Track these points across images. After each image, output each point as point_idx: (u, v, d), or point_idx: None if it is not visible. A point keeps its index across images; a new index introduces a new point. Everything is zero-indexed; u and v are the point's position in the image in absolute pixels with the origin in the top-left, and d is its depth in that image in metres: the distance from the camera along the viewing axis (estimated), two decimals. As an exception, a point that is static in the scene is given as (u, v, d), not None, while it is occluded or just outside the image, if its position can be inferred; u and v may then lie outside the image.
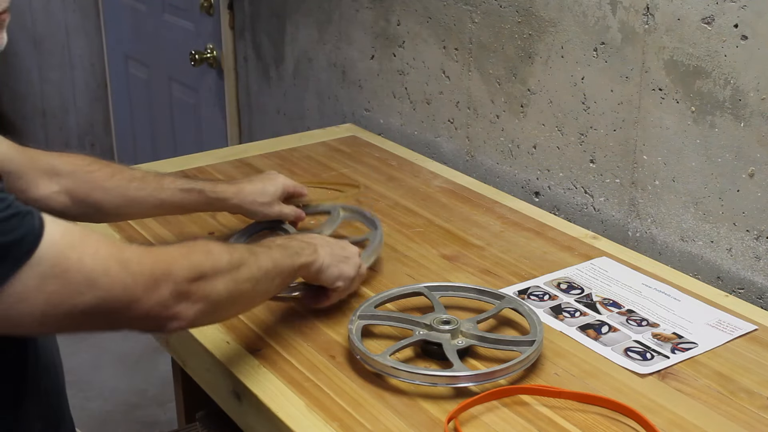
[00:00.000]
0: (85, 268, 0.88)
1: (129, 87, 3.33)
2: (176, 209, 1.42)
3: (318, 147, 1.95)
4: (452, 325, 1.19)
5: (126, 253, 0.93)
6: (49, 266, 0.86)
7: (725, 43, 1.35)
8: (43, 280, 0.86)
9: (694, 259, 1.47)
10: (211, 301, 1.00)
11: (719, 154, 1.40)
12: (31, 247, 0.85)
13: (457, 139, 1.89)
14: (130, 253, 0.93)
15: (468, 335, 1.18)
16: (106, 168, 1.36)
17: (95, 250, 0.90)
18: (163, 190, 1.38)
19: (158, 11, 2.99)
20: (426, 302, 1.27)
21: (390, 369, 1.11)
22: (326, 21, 2.19)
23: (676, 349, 1.20)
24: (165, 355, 1.44)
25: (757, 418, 1.08)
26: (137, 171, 1.40)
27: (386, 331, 1.24)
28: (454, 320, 1.19)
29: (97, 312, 0.90)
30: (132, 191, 1.35)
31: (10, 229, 0.85)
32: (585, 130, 1.60)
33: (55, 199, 1.30)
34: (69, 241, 0.89)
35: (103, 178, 1.34)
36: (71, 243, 0.89)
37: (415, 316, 1.22)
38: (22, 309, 0.86)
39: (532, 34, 1.66)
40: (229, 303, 1.05)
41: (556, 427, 1.05)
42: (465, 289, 1.30)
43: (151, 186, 1.37)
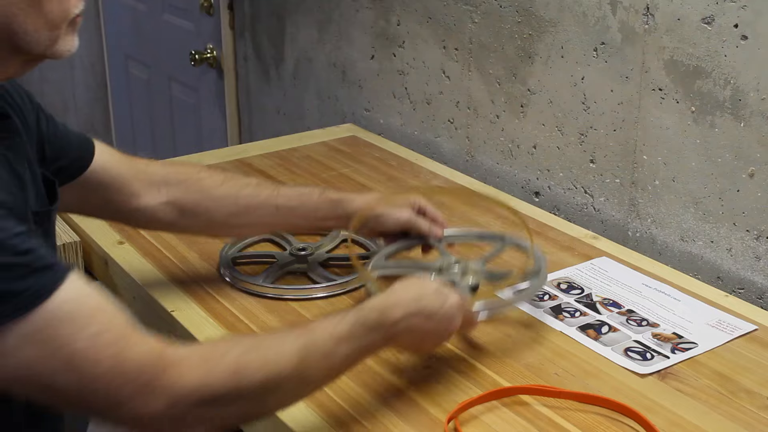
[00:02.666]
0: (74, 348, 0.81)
1: (129, 87, 3.33)
2: (293, 216, 1.30)
3: (318, 147, 1.95)
4: (462, 266, 1.25)
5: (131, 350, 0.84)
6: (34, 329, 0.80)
7: (725, 43, 1.35)
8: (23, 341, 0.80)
9: (694, 259, 1.47)
10: (222, 420, 0.90)
11: (719, 154, 1.40)
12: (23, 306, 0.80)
13: (457, 139, 1.89)
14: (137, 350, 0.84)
15: (477, 273, 1.24)
16: (218, 176, 1.30)
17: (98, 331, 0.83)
18: (279, 196, 1.29)
19: (158, 11, 2.99)
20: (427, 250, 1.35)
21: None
22: (326, 21, 2.19)
23: (676, 349, 1.20)
24: (165, 355, 1.44)
25: (757, 418, 1.08)
26: (252, 179, 1.33)
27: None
28: (463, 261, 1.25)
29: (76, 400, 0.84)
30: (244, 199, 1.28)
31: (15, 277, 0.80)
32: (585, 130, 1.60)
33: (162, 210, 1.26)
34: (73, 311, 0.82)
35: (213, 186, 1.28)
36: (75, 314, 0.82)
37: (425, 263, 1.29)
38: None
39: (532, 34, 1.66)
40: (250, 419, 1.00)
41: (556, 427, 1.05)
42: (466, 236, 1.40)
43: (266, 193, 1.29)
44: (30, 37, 0.91)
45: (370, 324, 1.00)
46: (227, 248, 1.43)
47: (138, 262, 1.43)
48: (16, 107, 1.05)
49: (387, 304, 1.03)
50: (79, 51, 3.21)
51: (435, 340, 1.08)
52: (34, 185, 1.02)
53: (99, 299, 0.85)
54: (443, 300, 1.06)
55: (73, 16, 0.94)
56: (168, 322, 1.29)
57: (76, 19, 0.95)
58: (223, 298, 1.32)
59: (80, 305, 0.83)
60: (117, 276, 1.43)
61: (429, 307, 1.05)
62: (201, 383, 0.86)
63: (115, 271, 1.43)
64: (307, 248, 1.42)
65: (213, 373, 0.87)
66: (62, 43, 0.94)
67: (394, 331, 1.02)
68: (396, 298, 1.04)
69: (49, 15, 0.91)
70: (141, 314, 1.39)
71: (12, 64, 0.94)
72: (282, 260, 1.40)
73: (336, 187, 1.72)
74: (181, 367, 0.86)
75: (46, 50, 0.93)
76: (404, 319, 1.02)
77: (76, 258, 1.48)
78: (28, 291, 0.80)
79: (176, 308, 1.29)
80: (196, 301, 1.31)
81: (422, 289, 1.06)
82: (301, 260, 1.40)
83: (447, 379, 1.14)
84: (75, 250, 1.47)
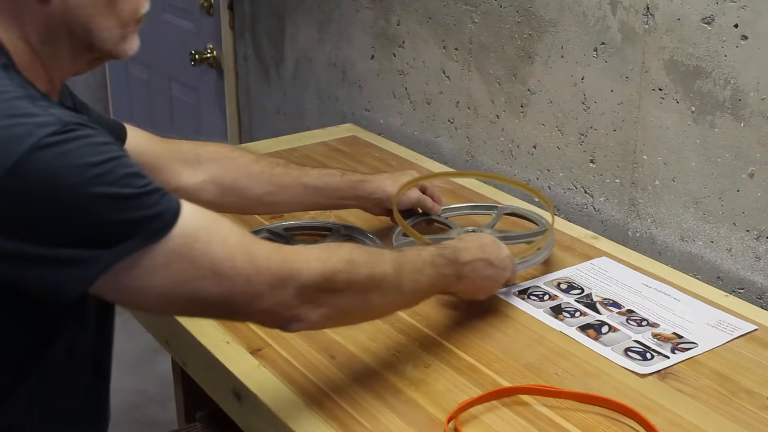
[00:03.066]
0: (212, 254, 0.89)
1: (129, 87, 3.33)
2: (318, 195, 1.40)
3: (318, 147, 1.95)
4: (477, 232, 1.40)
5: (256, 245, 0.92)
6: (179, 245, 0.87)
7: (725, 43, 1.35)
8: (171, 257, 0.87)
9: (694, 259, 1.47)
10: (337, 310, 0.99)
11: (719, 154, 1.40)
12: (166, 225, 0.86)
13: (457, 139, 1.89)
14: (260, 246, 0.93)
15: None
16: (250, 154, 1.37)
17: (225, 236, 0.90)
18: (307, 175, 1.39)
19: (158, 11, 2.99)
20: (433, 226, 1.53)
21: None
22: (326, 21, 2.19)
23: (676, 349, 1.20)
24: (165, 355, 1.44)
25: (757, 418, 1.08)
26: (281, 160, 1.41)
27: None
28: (478, 229, 1.47)
29: (217, 300, 0.90)
30: (277, 177, 1.36)
31: (152, 203, 0.86)
32: (585, 130, 1.60)
33: (202, 188, 1.31)
34: (201, 224, 0.89)
35: (248, 164, 1.35)
36: (203, 225, 0.89)
37: (441, 235, 1.46)
38: (146, 283, 0.87)
39: (532, 34, 1.66)
40: (357, 316, 1.06)
41: (556, 427, 1.05)
42: (461, 208, 1.59)
43: (295, 172, 1.38)
44: (104, 35, 0.95)
45: (448, 257, 1.14)
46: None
47: (138, 262, 1.42)
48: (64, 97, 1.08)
49: (460, 246, 1.18)
50: (79, 51, 3.10)
51: (492, 284, 1.23)
52: None
53: (208, 211, 0.92)
54: (500, 250, 1.23)
55: (141, 16, 0.99)
56: (168, 322, 1.29)
57: (141, 19, 0.99)
58: (223, 298, 1.32)
59: (201, 218, 0.90)
60: (117, 276, 1.43)
61: (491, 255, 1.21)
62: (323, 268, 0.95)
63: (115, 271, 1.43)
64: None
65: (331, 261, 0.97)
66: (129, 41, 0.98)
67: (463, 271, 1.16)
68: (466, 243, 1.19)
69: (122, 14, 0.95)
70: (141, 314, 1.39)
71: (82, 60, 0.97)
72: None
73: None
74: (303, 254, 0.95)
75: (114, 47, 0.97)
76: (472, 261, 1.17)
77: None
78: (168, 211, 0.87)
79: (176, 308, 1.29)
80: (196, 301, 1.31)
81: (485, 240, 1.23)
82: None
83: (447, 379, 1.14)
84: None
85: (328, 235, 1.49)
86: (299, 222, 1.53)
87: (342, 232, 1.50)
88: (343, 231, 1.50)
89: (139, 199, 0.85)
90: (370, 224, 1.56)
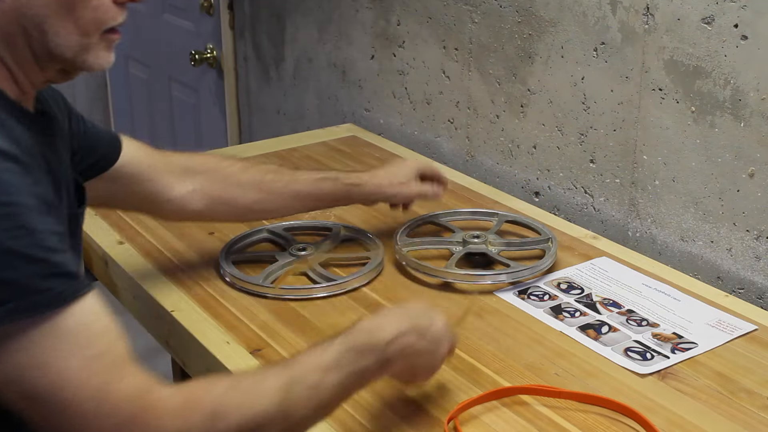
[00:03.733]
0: (67, 364, 0.79)
1: (129, 87, 3.33)
2: (312, 200, 1.39)
3: (318, 147, 1.95)
4: (482, 238, 1.43)
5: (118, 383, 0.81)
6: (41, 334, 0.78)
7: (725, 43, 1.35)
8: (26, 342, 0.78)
9: (694, 259, 1.47)
10: None
11: (719, 154, 1.40)
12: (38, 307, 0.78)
13: (457, 139, 1.89)
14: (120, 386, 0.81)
15: (496, 243, 1.43)
16: (240, 162, 1.36)
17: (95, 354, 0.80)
18: (298, 182, 1.36)
19: (158, 11, 2.99)
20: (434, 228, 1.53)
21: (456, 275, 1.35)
22: (326, 21, 2.19)
23: (676, 349, 1.20)
24: (165, 355, 1.44)
25: (757, 418, 1.08)
26: (271, 165, 1.39)
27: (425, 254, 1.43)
28: (482, 234, 1.44)
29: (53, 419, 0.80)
30: (267, 184, 1.34)
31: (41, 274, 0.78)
32: (585, 130, 1.60)
33: (191, 198, 1.30)
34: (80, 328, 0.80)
35: (237, 173, 1.33)
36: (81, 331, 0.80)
37: (447, 237, 1.47)
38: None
39: (532, 34, 1.66)
40: None
41: (556, 427, 1.05)
42: (461, 213, 1.57)
43: (286, 178, 1.36)
44: (60, 40, 0.90)
45: (360, 347, 0.94)
46: (227, 248, 1.43)
47: (138, 262, 1.43)
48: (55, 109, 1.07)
49: (376, 324, 0.98)
50: (79, 51, 3.09)
51: (430, 362, 1.03)
52: (67, 187, 1.02)
53: (108, 323, 0.83)
54: (433, 317, 1.03)
55: (107, 28, 0.93)
56: (168, 322, 1.29)
57: (112, 35, 0.94)
58: (223, 298, 1.32)
59: (88, 324, 0.81)
60: (117, 276, 1.43)
61: (421, 324, 1.01)
62: (177, 428, 0.82)
63: (115, 271, 1.43)
64: (307, 248, 1.42)
65: (191, 419, 0.83)
66: (94, 54, 0.93)
67: (388, 353, 0.96)
68: (385, 317, 1.00)
69: (80, 20, 0.90)
70: (141, 314, 1.40)
71: (49, 69, 0.94)
72: (282, 260, 1.40)
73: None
74: (160, 409, 0.82)
75: (76, 57, 0.92)
76: (396, 338, 0.97)
77: (76, 258, 1.48)
78: (49, 292, 0.79)
79: (176, 308, 1.29)
80: (196, 301, 1.31)
81: (411, 308, 1.04)
82: (301, 260, 1.40)
83: (447, 379, 1.14)
84: (75, 250, 1.47)
85: (329, 235, 1.49)
86: (299, 222, 1.53)
87: (342, 232, 1.50)
88: (344, 231, 1.50)
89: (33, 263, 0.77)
90: (371, 224, 1.56)
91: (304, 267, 1.39)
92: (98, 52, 0.93)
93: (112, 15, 0.93)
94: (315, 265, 1.39)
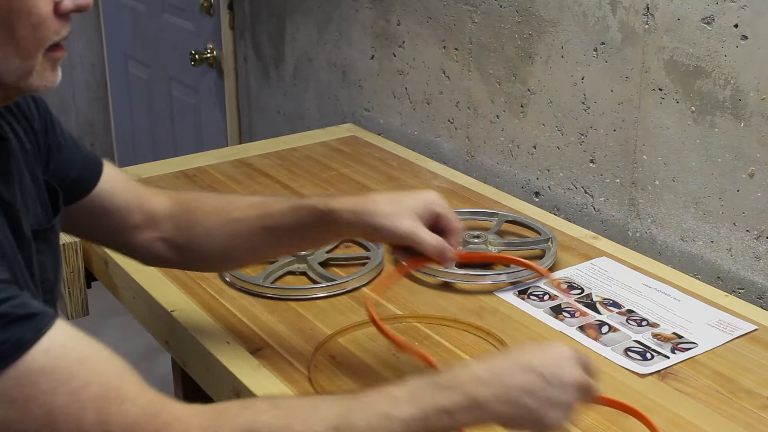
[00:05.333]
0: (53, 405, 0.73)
1: (129, 87, 3.33)
2: (288, 237, 1.11)
3: (318, 147, 1.95)
4: (482, 238, 1.43)
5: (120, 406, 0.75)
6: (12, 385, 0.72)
7: (725, 43, 1.35)
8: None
9: (694, 259, 1.47)
10: None
11: (719, 154, 1.40)
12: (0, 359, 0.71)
13: (457, 139, 1.89)
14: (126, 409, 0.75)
15: (496, 243, 1.43)
16: (210, 204, 1.15)
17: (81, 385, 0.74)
18: (268, 217, 1.10)
19: (158, 11, 2.99)
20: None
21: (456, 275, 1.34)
22: (326, 21, 2.19)
23: (676, 349, 1.20)
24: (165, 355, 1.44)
25: (757, 418, 1.07)
26: (245, 200, 1.15)
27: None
28: (482, 234, 1.44)
29: None
30: (232, 226, 1.12)
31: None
32: (585, 130, 1.60)
33: (156, 246, 1.15)
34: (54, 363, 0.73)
35: (203, 217, 1.13)
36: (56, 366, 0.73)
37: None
38: None
39: (532, 34, 1.66)
40: None
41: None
42: (461, 213, 1.54)
43: (255, 214, 1.11)
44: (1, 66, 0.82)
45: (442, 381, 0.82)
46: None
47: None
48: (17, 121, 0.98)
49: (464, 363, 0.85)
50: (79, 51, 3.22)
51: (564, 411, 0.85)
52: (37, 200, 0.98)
53: (84, 349, 0.76)
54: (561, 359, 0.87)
55: (51, 44, 0.84)
56: (168, 322, 1.29)
57: (56, 53, 0.86)
58: (223, 298, 1.32)
59: (62, 357, 0.74)
60: (117, 276, 1.43)
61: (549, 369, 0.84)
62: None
63: (115, 271, 1.43)
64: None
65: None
66: (38, 77, 0.85)
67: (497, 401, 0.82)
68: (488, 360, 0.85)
69: (21, 42, 0.81)
70: (141, 314, 1.40)
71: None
72: (282, 260, 1.40)
73: (336, 188, 1.72)
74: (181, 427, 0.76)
75: (19, 82, 0.84)
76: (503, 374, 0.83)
77: (76, 258, 1.48)
78: (6, 342, 0.72)
79: (176, 308, 1.29)
80: (196, 301, 1.31)
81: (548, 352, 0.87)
82: (301, 260, 1.40)
83: (447, 379, 1.13)
84: (75, 250, 1.47)
85: None
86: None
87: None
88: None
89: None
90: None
91: (303, 267, 1.39)
92: (43, 73, 0.85)
93: (54, 29, 0.84)
94: (315, 265, 1.39)
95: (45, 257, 0.98)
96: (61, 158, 1.05)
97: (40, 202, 0.99)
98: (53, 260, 1.01)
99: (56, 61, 0.86)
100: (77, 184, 1.08)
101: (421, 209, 1.05)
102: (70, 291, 1.51)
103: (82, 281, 1.51)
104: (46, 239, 0.99)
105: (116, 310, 1.81)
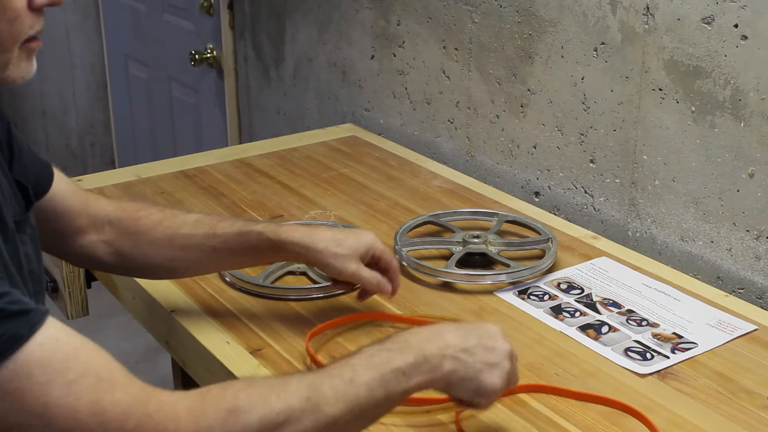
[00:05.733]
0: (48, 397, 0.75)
1: (129, 87, 3.33)
2: (235, 257, 1.20)
3: (318, 147, 1.95)
4: (482, 238, 1.43)
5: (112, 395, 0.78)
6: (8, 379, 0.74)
7: (725, 43, 1.35)
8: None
9: (694, 259, 1.47)
10: None
11: (719, 154, 1.40)
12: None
13: (457, 139, 1.89)
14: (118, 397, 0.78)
15: (496, 243, 1.44)
16: (157, 214, 1.19)
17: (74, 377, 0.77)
18: (215, 237, 1.17)
19: (158, 11, 2.99)
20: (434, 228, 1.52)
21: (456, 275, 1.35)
22: (326, 21, 2.19)
23: (676, 349, 1.20)
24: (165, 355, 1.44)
25: (757, 418, 1.08)
26: (192, 216, 1.20)
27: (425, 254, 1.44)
28: (482, 234, 1.44)
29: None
30: (179, 240, 1.17)
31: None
32: (585, 130, 1.60)
33: (102, 251, 1.18)
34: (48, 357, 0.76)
35: (150, 227, 1.17)
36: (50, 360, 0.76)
37: (447, 237, 1.47)
38: None
39: (532, 34, 1.66)
40: None
41: (556, 427, 1.05)
42: (461, 213, 1.56)
43: (202, 232, 1.17)
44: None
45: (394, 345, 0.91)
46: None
47: (138, 262, 1.42)
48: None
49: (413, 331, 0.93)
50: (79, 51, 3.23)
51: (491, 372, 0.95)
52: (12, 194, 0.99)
53: (76, 343, 0.79)
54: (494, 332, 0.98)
55: (26, 38, 0.87)
56: (168, 322, 1.29)
57: (32, 43, 0.88)
58: (223, 298, 1.32)
59: (55, 351, 0.77)
60: (117, 276, 1.43)
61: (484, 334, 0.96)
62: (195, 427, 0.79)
63: (115, 271, 1.43)
64: None
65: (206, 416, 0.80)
66: (14, 68, 0.88)
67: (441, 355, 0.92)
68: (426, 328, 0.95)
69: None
70: (141, 314, 1.40)
71: None
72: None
73: (336, 188, 1.72)
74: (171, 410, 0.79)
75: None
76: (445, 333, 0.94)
77: (76, 258, 1.47)
78: (3, 337, 0.75)
79: (176, 308, 1.29)
80: (196, 301, 1.31)
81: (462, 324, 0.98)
82: None
83: (447, 379, 1.13)
84: (75, 250, 1.47)
85: None
86: (299, 222, 1.53)
87: None
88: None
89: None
90: (370, 224, 1.56)
91: (303, 267, 1.39)
92: (19, 64, 0.88)
93: (29, 24, 0.87)
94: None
95: (28, 248, 0.99)
96: (21, 160, 1.06)
97: (14, 196, 1.00)
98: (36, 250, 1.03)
99: (32, 52, 0.89)
100: (35, 187, 1.09)
101: (364, 252, 1.19)
102: (70, 291, 1.51)
103: (82, 281, 1.51)
104: (26, 230, 1.00)
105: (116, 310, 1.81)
